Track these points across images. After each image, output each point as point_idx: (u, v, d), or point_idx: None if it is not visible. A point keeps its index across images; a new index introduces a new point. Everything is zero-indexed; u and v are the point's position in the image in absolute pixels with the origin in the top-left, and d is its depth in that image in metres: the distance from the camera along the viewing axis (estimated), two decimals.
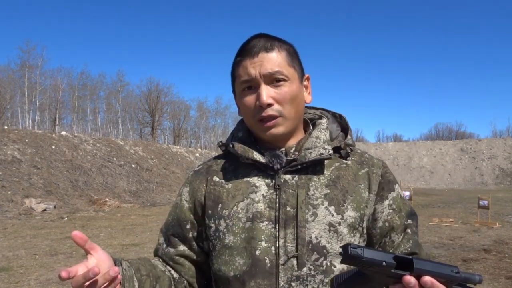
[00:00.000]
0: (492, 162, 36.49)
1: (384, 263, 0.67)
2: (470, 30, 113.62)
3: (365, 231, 0.99)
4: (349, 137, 1.04)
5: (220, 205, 1.00)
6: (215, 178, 1.04)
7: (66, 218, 12.39)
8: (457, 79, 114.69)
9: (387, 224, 0.99)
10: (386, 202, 1.00)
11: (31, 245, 8.20)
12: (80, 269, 0.77)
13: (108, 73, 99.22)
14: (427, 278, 0.67)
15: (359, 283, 0.73)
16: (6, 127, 21.37)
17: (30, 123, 35.48)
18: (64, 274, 0.74)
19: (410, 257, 0.68)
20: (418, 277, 0.67)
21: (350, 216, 0.95)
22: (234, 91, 1.04)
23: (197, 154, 28.92)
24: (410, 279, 0.66)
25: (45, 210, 13.52)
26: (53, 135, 20.29)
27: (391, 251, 0.99)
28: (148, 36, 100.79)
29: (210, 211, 1.01)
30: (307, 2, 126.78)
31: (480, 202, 11.08)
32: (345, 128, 1.07)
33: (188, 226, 1.05)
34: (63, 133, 21.48)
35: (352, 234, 0.95)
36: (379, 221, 0.99)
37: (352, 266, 0.72)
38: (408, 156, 40.00)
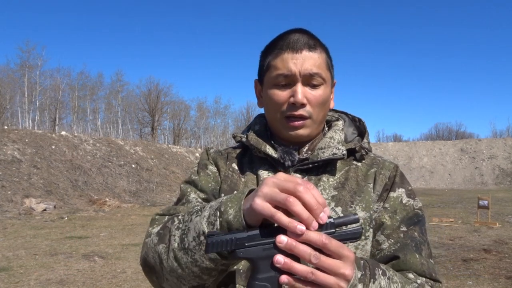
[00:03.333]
0: (492, 162, 36.48)
1: (246, 232, 0.63)
2: (470, 29, 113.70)
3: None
4: (365, 140, 1.02)
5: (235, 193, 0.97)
6: (234, 166, 1.03)
7: (66, 218, 12.39)
8: (457, 79, 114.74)
9: (373, 223, 0.93)
10: (382, 203, 0.95)
11: (31, 245, 8.20)
12: None
13: (107, 73, 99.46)
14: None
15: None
16: (6, 127, 21.37)
17: (30, 123, 35.48)
18: None
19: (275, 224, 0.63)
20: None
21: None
22: (260, 80, 1.01)
23: (197, 154, 28.91)
24: (280, 236, 0.61)
25: (45, 210, 13.52)
26: (53, 135, 20.28)
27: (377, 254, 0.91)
28: (147, 36, 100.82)
29: (223, 195, 0.97)
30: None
31: (480, 202, 11.08)
32: (362, 133, 1.05)
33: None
34: (63, 133, 21.48)
35: (362, 237, 0.90)
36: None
37: None
38: (408, 156, 39.99)
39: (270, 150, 0.97)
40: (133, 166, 21.24)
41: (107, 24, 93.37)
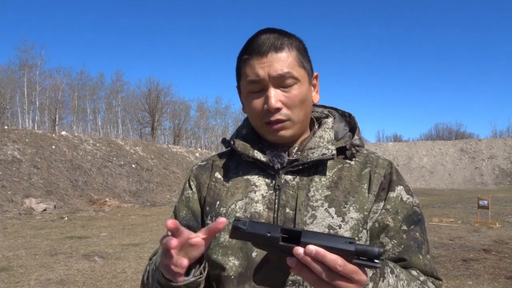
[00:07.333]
0: (492, 162, 36.46)
1: (268, 233, 0.66)
2: (470, 29, 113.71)
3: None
4: (356, 137, 0.99)
5: (218, 202, 0.98)
6: (217, 175, 1.03)
7: (66, 218, 12.39)
8: (457, 79, 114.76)
9: (376, 225, 0.92)
10: (382, 203, 0.94)
11: (31, 245, 8.20)
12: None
13: (107, 73, 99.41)
14: (311, 247, 0.63)
15: (267, 270, 0.73)
16: (6, 127, 21.36)
17: (30, 123, 35.48)
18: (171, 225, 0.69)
19: (300, 229, 0.66)
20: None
21: (352, 218, 0.90)
22: (238, 87, 1.01)
23: (197, 154, 28.92)
24: (298, 249, 0.64)
25: (45, 210, 13.52)
26: (53, 135, 20.28)
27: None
28: (147, 36, 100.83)
29: (208, 208, 0.99)
30: None
31: (480, 202, 11.06)
32: (353, 128, 1.03)
33: (200, 219, 1.02)
34: (63, 133, 21.48)
35: (356, 238, 0.89)
36: (370, 221, 0.93)
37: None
38: (408, 156, 39.98)
39: (258, 155, 0.96)
40: (133, 166, 21.24)
41: (107, 24, 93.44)
